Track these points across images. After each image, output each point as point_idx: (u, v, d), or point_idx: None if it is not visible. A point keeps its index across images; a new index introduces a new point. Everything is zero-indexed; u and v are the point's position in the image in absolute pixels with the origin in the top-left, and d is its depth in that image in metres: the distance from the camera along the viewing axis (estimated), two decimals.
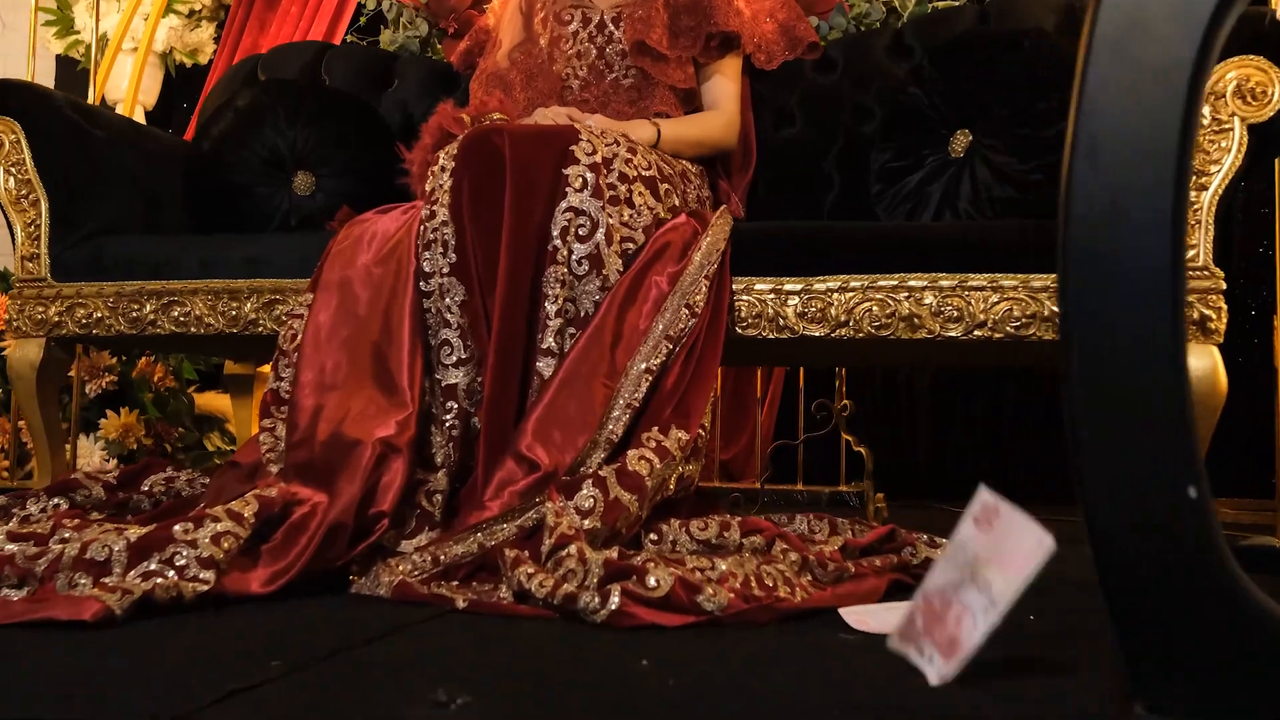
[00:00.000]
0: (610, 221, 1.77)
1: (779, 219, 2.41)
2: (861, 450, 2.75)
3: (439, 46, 3.04)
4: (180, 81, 4.19)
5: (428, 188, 1.87)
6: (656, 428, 1.63)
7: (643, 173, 1.88)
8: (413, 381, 1.67)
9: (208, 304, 2.08)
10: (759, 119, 2.51)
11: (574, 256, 1.74)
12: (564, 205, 1.75)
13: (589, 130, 1.84)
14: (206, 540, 1.35)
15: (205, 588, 1.31)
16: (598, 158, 1.79)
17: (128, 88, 3.46)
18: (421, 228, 1.83)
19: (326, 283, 1.86)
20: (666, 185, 1.93)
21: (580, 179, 1.76)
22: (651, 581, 1.29)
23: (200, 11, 4.12)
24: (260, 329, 2.06)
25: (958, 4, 2.64)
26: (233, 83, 2.82)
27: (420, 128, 2.04)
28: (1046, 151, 2.01)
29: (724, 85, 2.37)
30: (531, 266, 1.74)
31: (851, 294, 1.83)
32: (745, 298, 1.87)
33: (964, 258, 1.80)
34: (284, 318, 1.95)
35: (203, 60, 4.13)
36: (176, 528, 1.36)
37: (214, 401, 3.28)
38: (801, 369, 3.38)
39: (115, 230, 2.26)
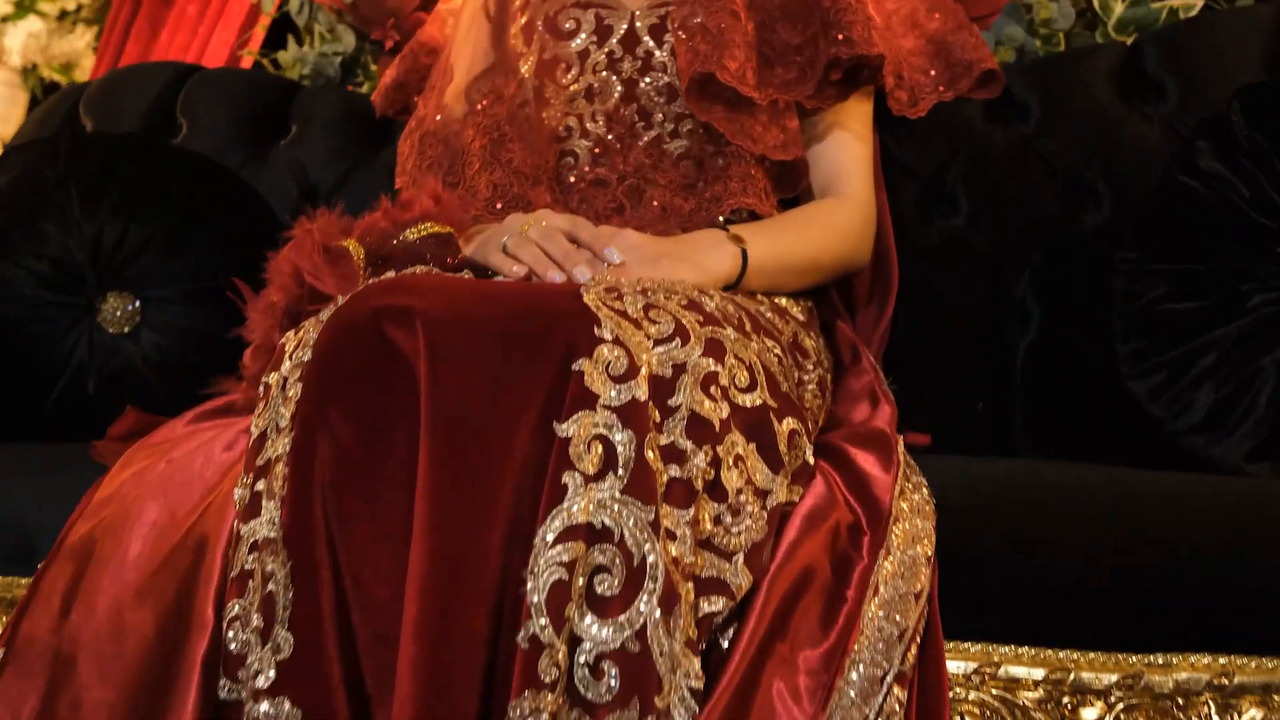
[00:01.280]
0: (675, 552, 0.72)
1: (930, 390, 1.39)
2: None
3: (373, 69, 1.99)
4: None
5: (253, 429, 0.82)
6: None
7: (739, 398, 0.82)
8: None
9: None
10: (895, 198, 1.46)
11: (583, 655, 0.69)
12: (558, 522, 0.70)
13: (614, 313, 0.79)
14: None
15: None
16: (639, 389, 0.74)
17: None
18: (230, 543, 0.79)
19: (21, 645, 0.82)
20: (790, 422, 0.86)
21: (599, 445, 0.71)
22: None
23: (76, 11, 3.07)
24: None
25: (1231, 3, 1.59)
26: (42, 134, 1.78)
27: (268, 266, 0.98)
28: None
29: (848, 148, 1.32)
30: (481, 671, 0.69)
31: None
32: (973, 695, 0.81)
33: None
34: None
35: (81, 77, 3.07)
36: None
37: None
38: None
39: None
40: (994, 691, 0.79)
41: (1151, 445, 1.22)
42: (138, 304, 1.47)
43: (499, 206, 1.17)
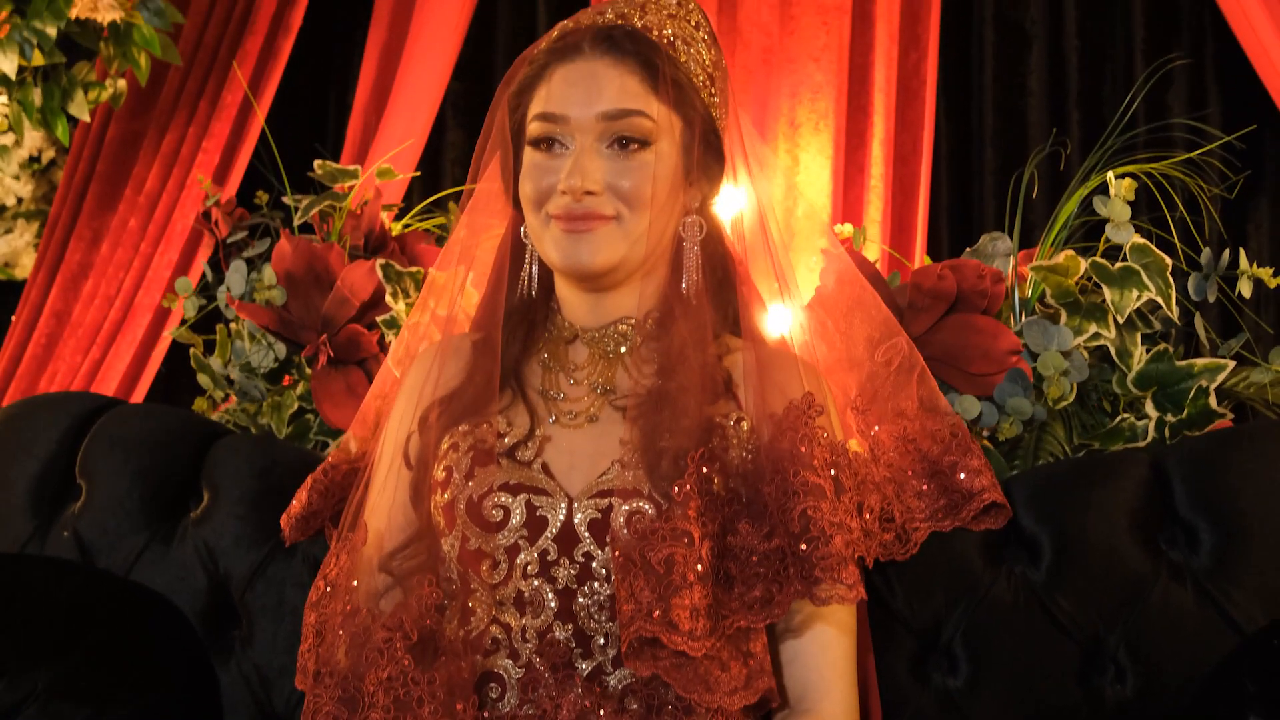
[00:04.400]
0: None
1: None
2: None
3: (308, 371, 1.79)
4: None
5: None
6: None
7: None
8: None
9: None
10: (885, 655, 1.25)
11: None
12: None
13: None
14: None
15: None
16: None
17: None
18: None
19: None
20: None
21: None
22: None
23: (15, 208, 2.88)
24: None
25: None
26: None
27: None
28: None
29: (828, 648, 1.11)
30: None
31: None
32: None
33: None
34: None
35: (21, 275, 2.88)
36: None
37: None
38: None
39: None
40: None
41: None
42: None
43: None
